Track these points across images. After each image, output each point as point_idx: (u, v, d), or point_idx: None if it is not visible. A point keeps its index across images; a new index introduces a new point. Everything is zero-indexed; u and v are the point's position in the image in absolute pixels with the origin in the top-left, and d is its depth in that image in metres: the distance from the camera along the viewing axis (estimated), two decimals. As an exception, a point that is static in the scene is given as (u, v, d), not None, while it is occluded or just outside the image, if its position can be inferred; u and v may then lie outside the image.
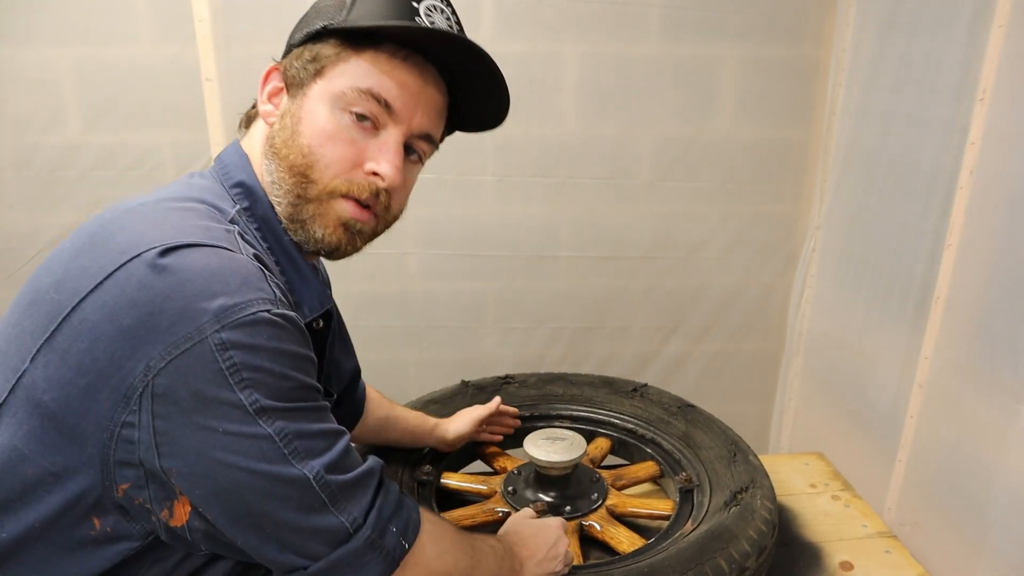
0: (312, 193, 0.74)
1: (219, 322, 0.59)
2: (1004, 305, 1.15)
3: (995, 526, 1.17)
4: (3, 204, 1.64)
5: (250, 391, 0.60)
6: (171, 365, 0.58)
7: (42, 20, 1.53)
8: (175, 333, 0.58)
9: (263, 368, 0.60)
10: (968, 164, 1.22)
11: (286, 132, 0.75)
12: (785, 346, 1.92)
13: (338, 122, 0.74)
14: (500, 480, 1.24)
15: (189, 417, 0.59)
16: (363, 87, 0.73)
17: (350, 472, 0.66)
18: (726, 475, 1.18)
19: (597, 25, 1.64)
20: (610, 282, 1.85)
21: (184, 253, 0.61)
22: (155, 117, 1.61)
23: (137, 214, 0.67)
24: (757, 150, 1.76)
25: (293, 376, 0.63)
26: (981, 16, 1.20)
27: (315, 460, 0.63)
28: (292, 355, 0.63)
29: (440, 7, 0.79)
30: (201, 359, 0.58)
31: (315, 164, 0.74)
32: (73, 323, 0.60)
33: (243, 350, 0.59)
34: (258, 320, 0.60)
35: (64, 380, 0.60)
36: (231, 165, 0.78)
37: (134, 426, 0.59)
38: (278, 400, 0.61)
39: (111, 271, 0.60)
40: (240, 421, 0.60)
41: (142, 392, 0.59)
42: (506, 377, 1.49)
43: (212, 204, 0.72)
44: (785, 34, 1.68)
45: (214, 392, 0.59)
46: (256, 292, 0.62)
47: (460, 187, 1.74)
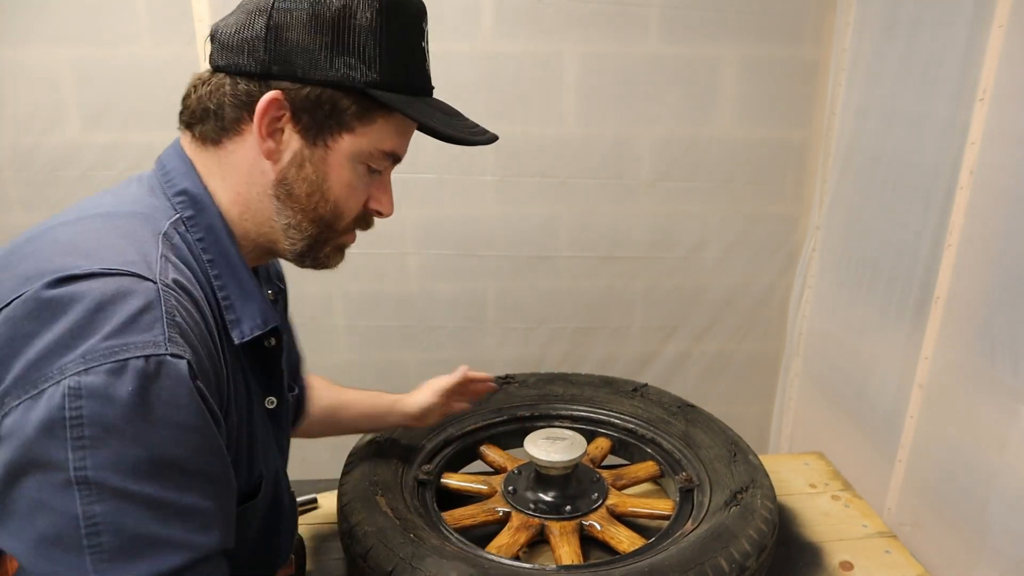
0: (332, 238, 0.78)
1: (83, 363, 0.52)
2: (1004, 305, 1.15)
3: (995, 526, 1.17)
4: (3, 204, 1.64)
5: (83, 453, 0.51)
6: (22, 405, 0.52)
7: (42, 20, 1.53)
8: (38, 370, 0.52)
9: (112, 428, 0.51)
10: (968, 164, 1.22)
11: (310, 185, 0.74)
12: (785, 346, 1.92)
13: (357, 174, 0.76)
14: (500, 480, 1.24)
15: (14, 468, 0.52)
16: (387, 150, 0.76)
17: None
18: (726, 475, 1.18)
19: (597, 25, 1.64)
20: (610, 282, 1.85)
21: (75, 284, 0.55)
22: (155, 117, 1.61)
23: (51, 235, 0.64)
24: (757, 150, 1.77)
25: (151, 446, 0.53)
26: (981, 16, 1.20)
27: (116, 567, 0.52)
28: (160, 421, 0.53)
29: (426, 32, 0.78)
30: (49, 403, 0.51)
31: (341, 215, 0.77)
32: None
33: (96, 400, 0.51)
34: (127, 368, 0.52)
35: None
36: (174, 171, 0.75)
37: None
38: (114, 474, 0.51)
39: (9, 300, 0.56)
40: (54, 488, 0.51)
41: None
42: (506, 377, 1.49)
43: (145, 216, 0.69)
44: (785, 34, 1.68)
45: (44, 444, 0.51)
46: (139, 334, 0.54)
47: (460, 187, 1.74)
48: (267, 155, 0.73)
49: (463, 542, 1.06)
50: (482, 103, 1.65)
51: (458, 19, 1.61)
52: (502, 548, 1.08)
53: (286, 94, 0.70)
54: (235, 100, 0.71)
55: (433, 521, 1.11)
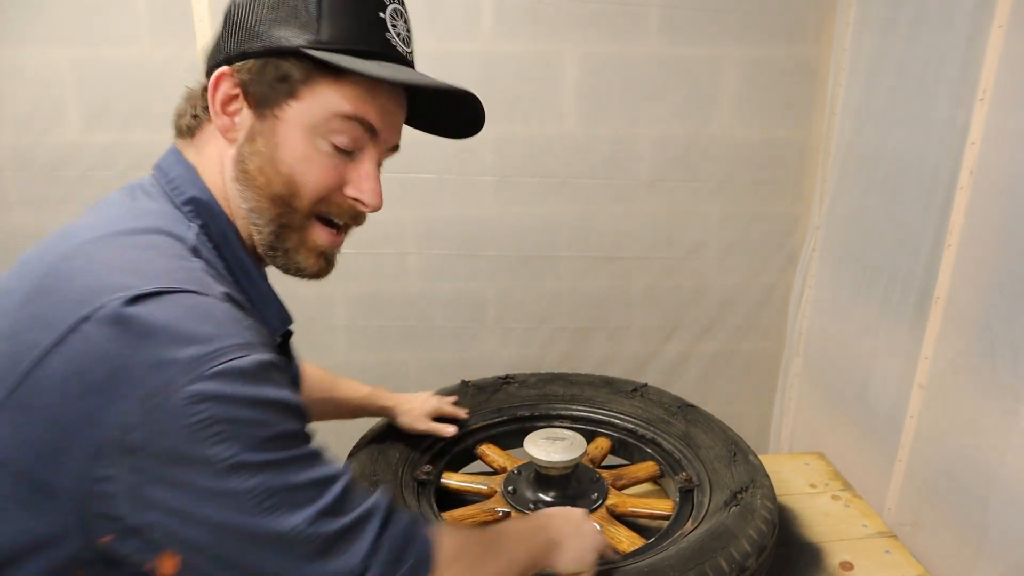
0: (295, 221, 0.73)
1: (190, 373, 0.55)
2: (1004, 305, 1.15)
3: (995, 526, 1.17)
4: (3, 204, 1.64)
5: (224, 446, 0.56)
6: (145, 420, 0.55)
7: (42, 20, 1.53)
8: (145, 387, 0.55)
9: (238, 419, 0.57)
10: (968, 164, 1.22)
11: (261, 158, 0.71)
12: (785, 346, 1.92)
13: (318, 148, 0.71)
14: (500, 480, 1.24)
15: (163, 472, 0.56)
16: (346, 112, 0.71)
17: (346, 516, 0.62)
18: (726, 475, 1.18)
19: (597, 25, 1.64)
20: (610, 282, 1.85)
21: (150, 302, 0.57)
22: (155, 117, 1.61)
23: (91, 253, 0.62)
24: (757, 150, 1.77)
25: (272, 424, 0.59)
26: (981, 16, 1.20)
27: (300, 512, 0.59)
28: (270, 403, 0.59)
29: (400, 10, 0.75)
30: (172, 414, 0.55)
31: (298, 192, 0.72)
32: (36, 378, 0.57)
33: (216, 402, 0.56)
34: (231, 369, 0.57)
35: (32, 437, 0.57)
36: (179, 179, 0.73)
37: (110, 480, 0.56)
38: (256, 453, 0.57)
39: (73, 323, 0.56)
40: (214, 477, 0.56)
41: (115, 447, 0.55)
42: (506, 377, 1.49)
43: (170, 233, 0.67)
44: (785, 34, 1.68)
45: (186, 448, 0.55)
46: (229, 338, 0.58)
47: (460, 187, 1.74)
48: (223, 133, 0.73)
49: (463, 542, 1.06)
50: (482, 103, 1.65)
51: (458, 19, 1.61)
52: (502, 548, 1.08)
53: (234, 70, 0.71)
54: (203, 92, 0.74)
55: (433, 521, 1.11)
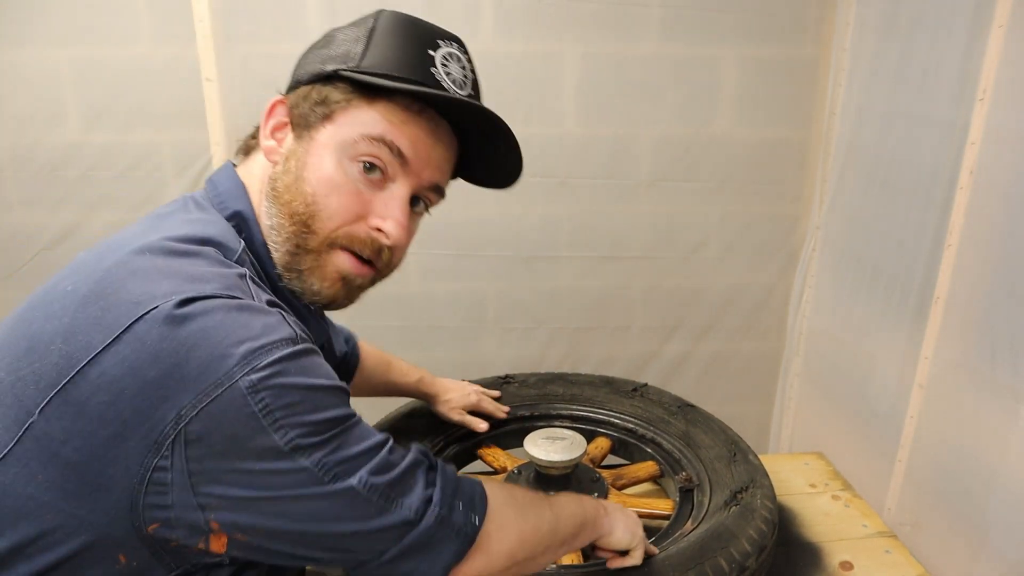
0: (312, 244, 0.73)
1: (247, 365, 0.59)
2: (1004, 305, 1.15)
3: (995, 526, 1.17)
4: (3, 204, 1.64)
5: (284, 431, 0.60)
6: (203, 412, 0.58)
7: (42, 20, 1.53)
8: (204, 380, 0.58)
9: (294, 405, 0.61)
10: (968, 164, 1.22)
11: (290, 176, 0.73)
12: (785, 346, 1.92)
13: (345, 172, 0.72)
14: (500, 480, 1.24)
15: (226, 460, 0.59)
16: (375, 134, 0.72)
17: (395, 468, 0.66)
18: (726, 475, 1.18)
19: (597, 25, 1.64)
20: (610, 282, 1.85)
21: (203, 304, 0.60)
22: (155, 117, 1.61)
23: (145, 261, 0.65)
24: (757, 150, 1.77)
25: (324, 408, 0.63)
26: (981, 16, 1.20)
27: (357, 473, 0.63)
28: (320, 388, 0.63)
29: (457, 55, 0.77)
30: (232, 404, 0.58)
31: (318, 214, 0.72)
32: (90, 377, 0.59)
33: (273, 391, 0.60)
34: (283, 358, 0.61)
35: (85, 431, 0.59)
36: (227, 193, 0.76)
37: (167, 470, 0.59)
38: (312, 436, 0.61)
39: (127, 324, 0.59)
40: (277, 459, 0.60)
41: (174, 439, 0.58)
42: (506, 377, 1.49)
43: (218, 243, 0.70)
44: (785, 34, 1.68)
45: (249, 435, 0.59)
46: (277, 332, 0.62)
47: (460, 187, 1.73)
48: (267, 155, 0.76)
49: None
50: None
51: (458, 19, 1.61)
52: (502, 548, 1.08)
53: (287, 98, 0.76)
54: None
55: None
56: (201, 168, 1.65)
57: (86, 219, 1.66)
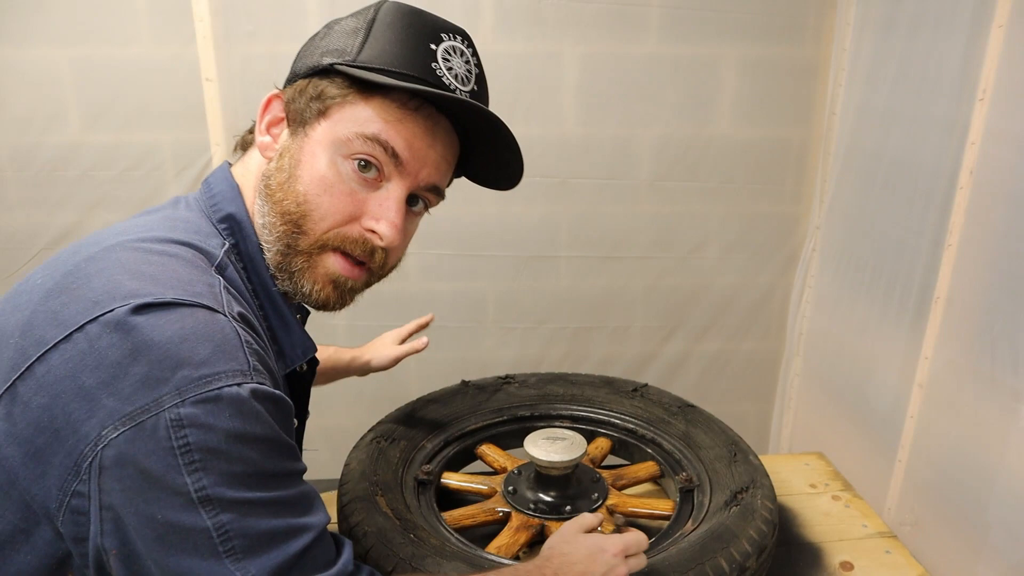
0: (303, 245, 0.70)
1: (180, 395, 0.54)
2: (1004, 305, 1.15)
3: (995, 526, 1.17)
4: (3, 204, 1.64)
5: (199, 475, 0.54)
6: (122, 436, 0.54)
7: (42, 20, 1.53)
8: (133, 403, 0.54)
9: (218, 451, 0.55)
10: (968, 164, 1.23)
11: (283, 174, 0.70)
12: (785, 346, 1.92)
13: (339, 171, 0.69)
14: (500, 480, 1.24)
15: (131, 497, 0.55)
16: (369, 133, 0.69)
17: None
18: (726, 475, 1.18)
19: (597, 25, 1.64)
20: (610, 282, 1.85)
21: (157, 314, 0.56)
22: (155, 117, 1.61)
23: (115, 256, 0.62)
24: (757, 150, 1.77)
25: (253, 462, 0.57)
26: (981, 16, 1.20)
27: (254, 561, 0.56)
28: (256, 439, 0.57)
29: (460, 49, 0.74)
30: (154, 435, 0.54)
31: (309, 215, 0.69)
32: (37, 375, 0.56)
33: (200, 429, 0.54)
34: (222, 396, 0.55)
35: (23, 437, 0.56)
36: (220, 195, 0.73)
37: (84, 496, 0.55)
38: (229, 488, 0.56)
39: (81, 323, 0.56)
40: (180, 509, 0.55)
41: (91, 462, 0.54)
42: (506, 377, 1.49)
43: (197, 247, 0.67)
44: (785, 34, 1.68)
45: (160, 472, 0.54)
46: (226, 363, 0.57)
47: (460, 187, 1.73)
48: (262, 150, 0.74)
49: (463, 542, 1.06)
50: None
51: (458, 19, 1.58)
52: (502, 548, 1.08)
53: (283, 92, 0.74)
54: None
55: (433, 521, 1.11)
56: (201, 168, 1.65)
57: (86, 219, 1.66)
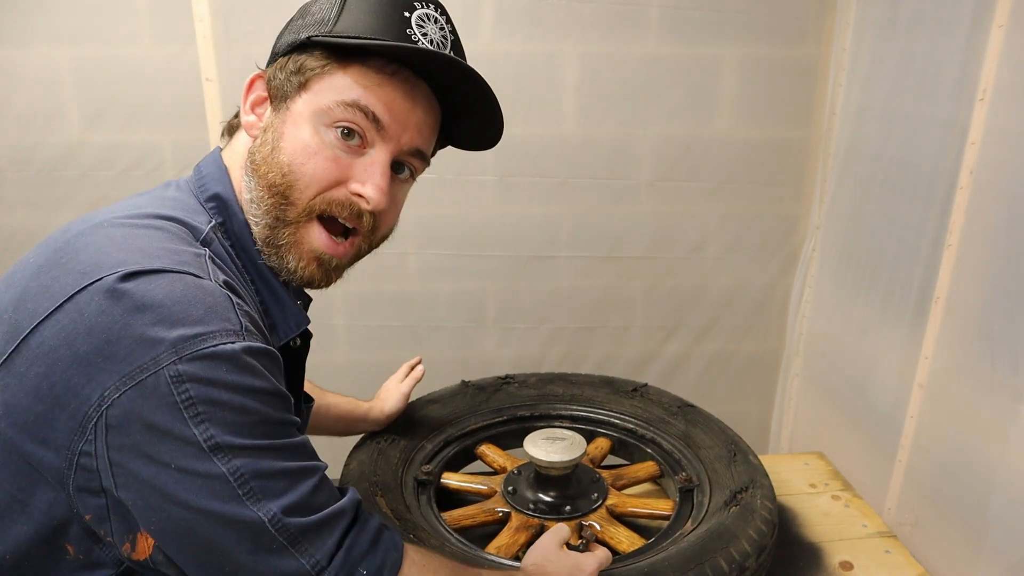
0: (290, 215, 0.72)
1: (176, 353, 0.56)
2: (1004, 305, 1.15)
3: (995, 526, 1.17)
4: (3, 204, 1.64)
5: (205, 426, 0.57)
6: (125, 396, 0.56)
7: (42, 20, 1.53)
8: (131, 363, 0.56)
9: (221, 402, 0.58)
10: (968, 164, 1.22)
11: (267, 148, 0.72)
12: (785, 346, 1.92)
13: (322, 139, 0.71)
14: (500, 480, 1.24)
15: (142, 451, 0.57)
16: (349, 99, 0.70)
17: (316, 513, 0.63)
18: (726, 475, 1.18)
19: (597, 25, 1.64)
20: (610, 282, 1.85)
21: (146, 279, 0.58)
22: (155, 117, 1.61)
23: (103, 232, 0.64)
24: (757, 150, 1.77)
25: (255, 411, 0.60)
26: (981, 16, 1.20)
27: (273, 502, 0.60)
28: (255, 390, 0.60)
29: (434, 16, 0.76)
30: (156, 391, 0.56)
31: (295, 183, 0.71)
32: (31, 346, 0.58)
33: (200, 383, 0.57)
34: (218, 353, 0.58)
35: (21, 406, 0.58)
36: (208, 176, 0.75)
37: (91, 455, 0.58)
38: (237, 436, 0.58)
39: (71, 294, 0.58)
40: (193, 458, 0.57)
41: (96, 421, 0.57)
42: (506, 377, 1.49)
43: (184, 222, 0.69)
44: (785, 34, 1.68)
45: (167, 426, 0.56)
46: (219, 323, 0.59)
47: (460, 187, 1.74)
48: (248, 129, 0.76)
49: (463, 542, 1.06)
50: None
51: (458, 19, 1.58)
52: (502, 548, 1.08)
53: (266, 72, 0.76)
54: None
55: (433, 522, 1.12)
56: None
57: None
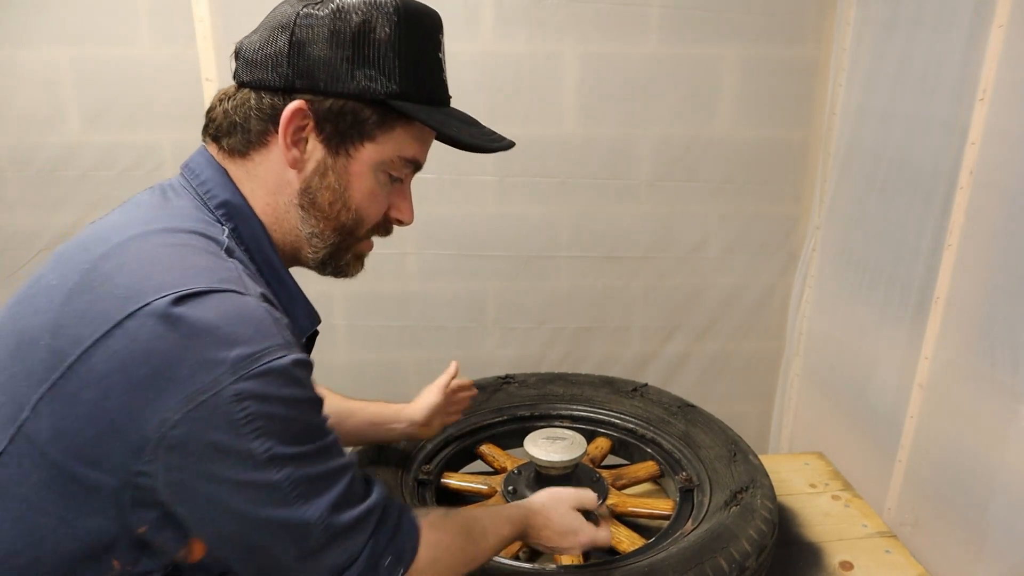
0: (353, 245, 0.81)
1: (235, 373, 0.59)
2: (1004, 305, 1.15)
3: (995, 526, 1.17)
4: (3, 204, 1.64)
5: (263, 440, 0.61)
6: (187, 417, 0.59)
7: (42, 20, 1.53)
8: (191, 385, 0.59)
9: (276, 416, 0.62)
10: (968, 164, 1.22)
11: (333, 193, 0.76)
12: (785, 346, 1.92)
13: (380, 184, 0.78)
14: (500, 480, 1.24)
15: (202, 466, 0.60)
16: (408, 157, 0.78)
17: (354, 508, 0.68)
18: (726, 475, 1.18)
19: (597, 25, 1.64)
20: (610, 282, 1.85)
21: (196, 302, 0.61)
22: (155, 117, 1.61)
23: (131, 252, 0.65)
24: (757, 150, 1.77)
25: (303, 421, 0.65)
26: (981, 16, 1.20)
27: (320, 499, 0.65)
28: (302, 400, 0.65)
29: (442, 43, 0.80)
30: (217, 410, 0.59)
31: (362, 222, 0.79)
32: (79, 373, 0.59)
33: (258, 400, 0.60)
34: (272, 369, 0.62)
35: (73, 430, 0.60)
36: (210, 182, 0.75)
37: (148, 475, 0.60)
38: (288, 446, 0.63)
39: (118, 320, 0.59)
40: (252, 469, 0.61)
41: (156, 443, 0.59)
42: (506, 377, 1.49)
43: (203, 233, 0.70)
44: (785, 34, 1.68)
45: (229, 443, 0.60)
46: (269, 340, 0.63)
47: (460, 187, 1.74)
48: (292, 164, 0.74)
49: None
50: (482, 103, 1.65)
51: (458, 19, 1.61)
52: (502, 548, 1.08)
53: (309, 104, 0.72)
54: (260, 113, 0.73)
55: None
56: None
57: (86, 219, 1.65)
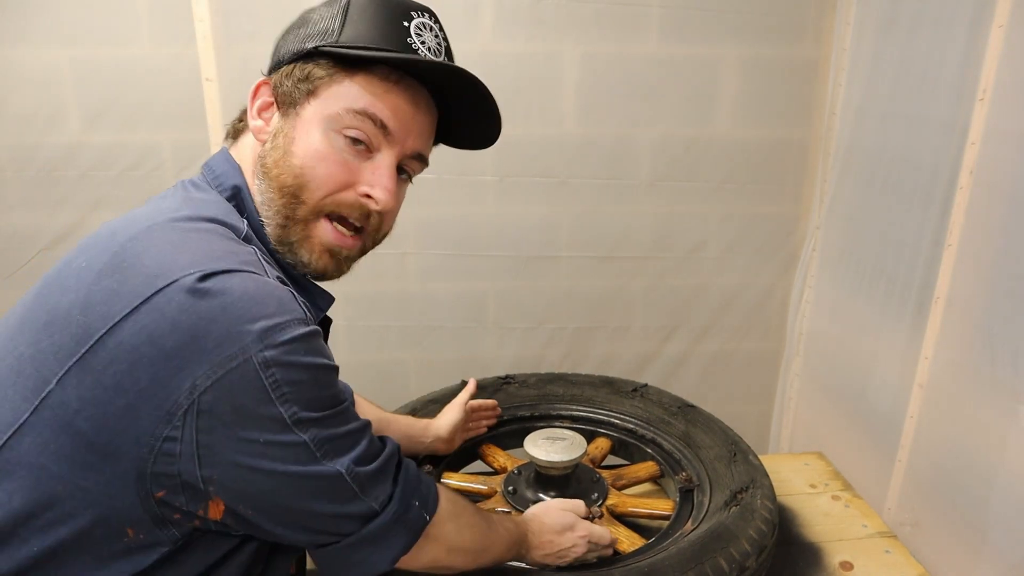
0: (300, 213, 0.76)
1: (262, 342, 0.63)
2: (1004, 305, 1.15)
3: (995, 526, 1.17)
4: (3, 204, 1.64)
5: (289, 404, 0.64)
6: (217, 383, 0.62)
7: (42, 20, 1.53)
8: (221, 353, 0.62)
9: (300, 382, 0.65)
10: (968, 164, 1.23)
11: (278, 152, 0.76)
12: (785, 346, 1.92)
13: (332, 143, 0.75)
14: (500, 480, 1.25)
15: (232, 430, 0.63)
16: (358, 108, 0.75)
17: (375, 460, 0.72)
18: (726, 475, 1.18)
19: (597, 25, 1.64)
20: (610, 282, 1.85)
21: (223, 278, 0.64)
22: (155, 117, 1.61)
23: (158, 236, 0.68)
24: (757, 150, 1.77)
25: (324, 386, 0.68)
26: (981, 16, 1.20)
27: (345, 456, 0.69)
28: (322, 368, 0.68)
29: (429, 25, 0.80)
30: (245, 377, 0.62)
31: (306, 185, 0.75)
32: (108, 346, 0.62)
33: (283, 367, 0.64)
34: (295, 338, 0.65)
35: (100, 400, 0.62)
36: (224, 175, 0.79)
37: (176, 440, 0.62)
38: (312, 411, 0.66)
39: (148, 295, 0.62)
40: (279, 432, 0.65)
41: (187, 409, 0.62)
42: (506, 377, 1.49)
43: (223, 222, 0.73)
44: (785, 34, 1.68)
45: (256, 407, 0.63)
46: (291, 313, 0.66)
47: (460, 187, 1.74)
48: (256, 134, 0.79)
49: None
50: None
51: (458, 19, 1.61)
52: (502, 548, 1.08)
53: (271, 78, 0.79)
54: None
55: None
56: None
57: (86, 219, 1.66)
